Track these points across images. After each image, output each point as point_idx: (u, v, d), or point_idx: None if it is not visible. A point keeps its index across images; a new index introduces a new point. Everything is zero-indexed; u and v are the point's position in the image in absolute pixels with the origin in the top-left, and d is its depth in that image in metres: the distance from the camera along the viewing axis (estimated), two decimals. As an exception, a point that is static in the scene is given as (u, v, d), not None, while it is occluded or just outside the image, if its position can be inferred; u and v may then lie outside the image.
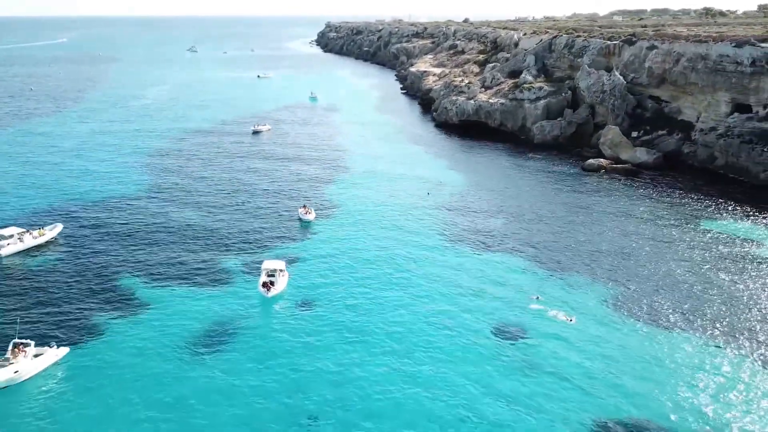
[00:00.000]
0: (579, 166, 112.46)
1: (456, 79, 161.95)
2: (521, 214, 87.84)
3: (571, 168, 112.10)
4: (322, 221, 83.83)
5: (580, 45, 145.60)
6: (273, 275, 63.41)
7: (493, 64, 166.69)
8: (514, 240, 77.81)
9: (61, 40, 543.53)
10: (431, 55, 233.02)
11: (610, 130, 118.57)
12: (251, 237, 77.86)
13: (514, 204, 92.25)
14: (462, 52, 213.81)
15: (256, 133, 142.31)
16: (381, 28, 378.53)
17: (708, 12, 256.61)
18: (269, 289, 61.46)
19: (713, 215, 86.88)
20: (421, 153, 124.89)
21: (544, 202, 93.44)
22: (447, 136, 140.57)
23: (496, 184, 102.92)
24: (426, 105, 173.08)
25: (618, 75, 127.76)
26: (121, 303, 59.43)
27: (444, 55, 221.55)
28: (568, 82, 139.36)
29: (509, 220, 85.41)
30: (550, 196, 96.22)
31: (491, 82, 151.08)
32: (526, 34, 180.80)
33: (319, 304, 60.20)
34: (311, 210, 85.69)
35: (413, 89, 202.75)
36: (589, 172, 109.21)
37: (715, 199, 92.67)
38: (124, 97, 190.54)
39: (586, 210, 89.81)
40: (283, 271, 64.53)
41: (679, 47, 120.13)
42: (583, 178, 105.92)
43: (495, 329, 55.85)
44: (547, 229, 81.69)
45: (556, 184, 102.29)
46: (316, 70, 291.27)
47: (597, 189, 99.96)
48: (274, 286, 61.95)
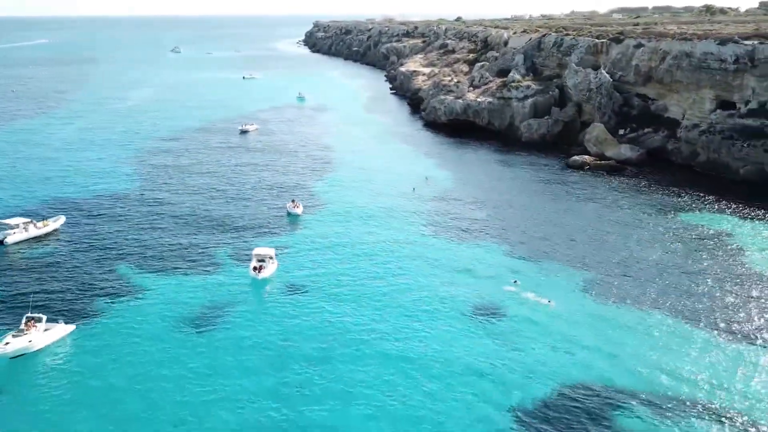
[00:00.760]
0: (564, 162, 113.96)
1: (445, 78, 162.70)
2: (504, 207, 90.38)
3: (556, 165, 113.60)
4: (309, 215, 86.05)
5: (569, 43, 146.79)
6: (263, 261, 66.06)
7: (482, 63, 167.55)
8: (495, 231, 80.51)
9: (42, 41, 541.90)
10: (421, 55, 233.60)
11: (595, 127, 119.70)
12: (241, 229, 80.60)
13: (498, 198, 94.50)
14: (452, 51, 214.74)
15: (243, 132, 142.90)
16: (371, 27, 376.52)
17: (708, 9, 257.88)
18: (259, 272, 64.30)
19: (690, 208, 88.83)
20: (408, 151, 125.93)
21: (526, 196, 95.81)
22: (435, 135, 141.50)
23: (481, 180, 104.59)
24: (415, 105, 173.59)
25: (605, 73, 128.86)
26: (120, 288, 62.95)
27: (434, 55, 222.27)
28: (557, 80, 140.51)
29: (492, 212, 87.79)
30: (533, 191, 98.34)
31: (480, 81, 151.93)
32: (516, 33, 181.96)
33: (306, 288, 63.22)
34: (299, 204, 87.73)
35: (402, 89, 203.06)
36: (574, 169, 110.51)
37: (694, 194, 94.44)
38: (108, 99, 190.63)
39: (567, 203, 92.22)
40: (273, 258, 67.13)
41: (665, 45, 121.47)
42: (567, 174, 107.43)
43: (473, 308, 59.25)
44: (528, 221, 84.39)
45: (539, 180, 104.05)
46: (304, 71, 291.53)
47: (579, 184, 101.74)
48: (264, 270, 64.69)
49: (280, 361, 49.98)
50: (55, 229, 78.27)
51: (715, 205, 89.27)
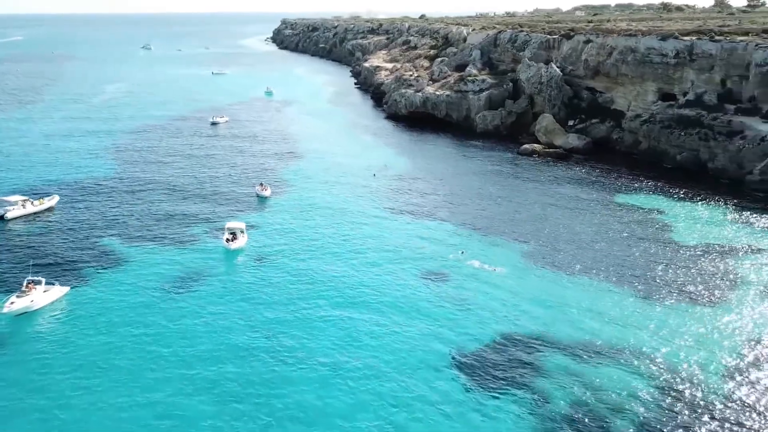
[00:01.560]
0: (515, 151, 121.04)
1: (406, 73, 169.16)
2: (456, 190, 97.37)
3: (508, 153, 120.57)
4: (277, 197, 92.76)
5: (523, 39, 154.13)
6: (234, 233, 73.01)
7: (441, 59, 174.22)
8: (446, 210, 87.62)
9: (16, 38, 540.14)
10: (385, 51, 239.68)
11: (544, 118, 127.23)
12: (214, 209, 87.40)
13: (451, 183, 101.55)
14: (415, 47, 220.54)
15: (214, 124, 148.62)
16: (337, 24, 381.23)
17: (665, 7, 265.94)
18: (232, 242, 71.35)
19: (627, 190, 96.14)
20: (370, 141, 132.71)
21: (477, 181, 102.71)
22: (396, 126, 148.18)
23: (437, 167, 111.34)
24: (378, 98, 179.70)
25: (555, 67, 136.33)
26: (108, 257, 70.40)
27: (397, 51, 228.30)
28: (511, 74, 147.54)
29: (445, 195, 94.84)
30: (484, 176, 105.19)
31: (439, 75, 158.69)
32: (474, 30, 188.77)
33: (273, 258, 70.38)
34: (267, 187, 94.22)
35: (366, 84, 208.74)
36: (524, 156, 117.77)
37: (633, 178, 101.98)
38: (83, 94, 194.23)
39: (514, 186, 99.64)
40: (243, 231, 74.08)
41: (612, 41, 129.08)
42: (517, 162, 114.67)
43: (423, 272, 66.55)
44: (477, 202, 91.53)
45: (491, 167, 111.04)
46: (272, 67, 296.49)
47: (527, 170, 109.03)
48: (236, 242, 71.67)
49: (248, 313, 57.31)
50: (50, 206, 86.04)
51: (651, 187, 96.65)
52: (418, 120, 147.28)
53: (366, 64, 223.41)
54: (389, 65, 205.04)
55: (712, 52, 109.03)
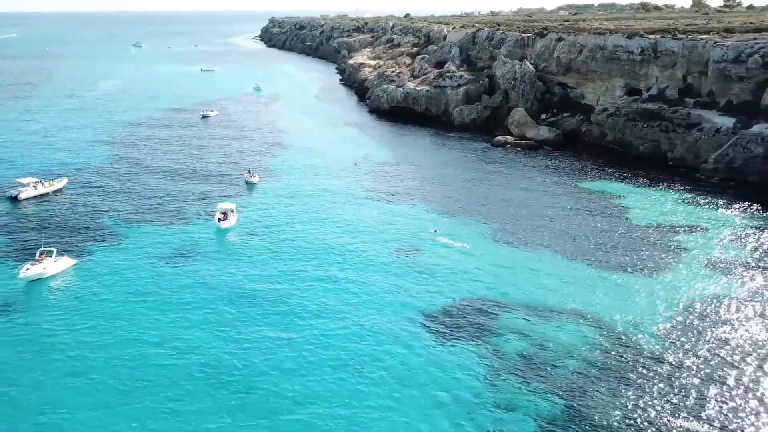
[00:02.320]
0: (489, 143, 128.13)
1: (388, 69, 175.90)
2: (431, 177, 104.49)
3: (483, 145, 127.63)
4: (264, 184, 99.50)
5: (499, 38, 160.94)
6: (225, 213, 79.64)
7: (422, 56, 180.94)
8: (421, 194, 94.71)
9: (10, 36, 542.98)
10: (369, 49, 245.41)
11: (517, 111, 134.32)
12: (205, 194, 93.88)
13: (427, 171, 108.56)
14: (398, 45, 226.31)
15: (204, 117, 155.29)
16: (323, 23, 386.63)
17: (644, 6, 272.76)
18: (223, 221, 78.03)
19: (592, 178, 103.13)
20: (354, 134, 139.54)
21: (452, 169, 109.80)
22: (378, 120, 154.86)
23: (415, 157, 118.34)
24: (361, 94, 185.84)
25: (528, 64, 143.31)
26: (111, 233, 77.40)
27: (381, 49, 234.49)
28: (488, 71, 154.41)
29: (420, 181, 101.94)
30: (458, 165, 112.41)
31: (419, 71, 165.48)
32: (455, 28, 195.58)
33: (261, 236, 76.95)
34: (255, 174, 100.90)
35: (351, 80, 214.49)
36: (497, 147, 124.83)
37: (598, 167, 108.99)
38: (77, 90, 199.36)
39: (485, 174, 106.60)
40: (234, 211, 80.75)
41: (582, 39, 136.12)
42: (490, 152, 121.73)
43: (397, 248, 73.40)
44: (449, 187, 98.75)
45: (465, 157, 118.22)
46: (260, 64, 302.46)
47: (498, 160, 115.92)
48: (227, 221, 78.23)
49: (237, 284, 63.76)
50: (59, 188, 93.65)
51: (614, 175, 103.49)
52: (399, 114, 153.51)
53: (351, 62, 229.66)
54: (373, 62, 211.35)
55: (674, 49, 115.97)
